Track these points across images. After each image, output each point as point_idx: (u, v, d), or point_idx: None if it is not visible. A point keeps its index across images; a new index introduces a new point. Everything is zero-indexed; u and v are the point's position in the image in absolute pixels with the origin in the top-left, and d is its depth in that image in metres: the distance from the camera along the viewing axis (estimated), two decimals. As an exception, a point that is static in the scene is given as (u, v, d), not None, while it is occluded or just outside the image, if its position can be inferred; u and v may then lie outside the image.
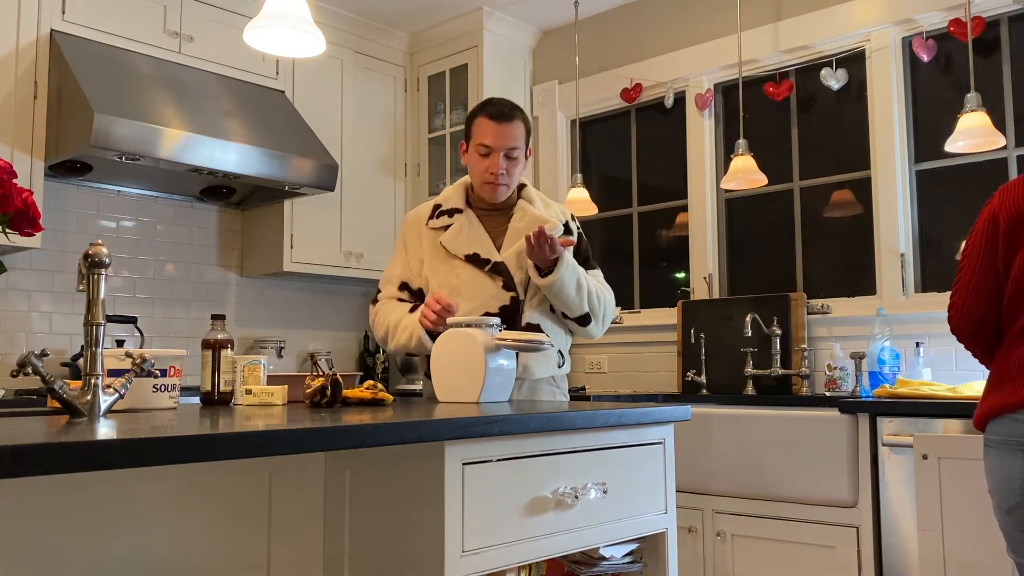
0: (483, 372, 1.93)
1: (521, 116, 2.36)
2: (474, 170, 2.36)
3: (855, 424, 2.69)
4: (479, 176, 2.34)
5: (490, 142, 2.30)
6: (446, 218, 2.37)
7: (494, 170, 2.31)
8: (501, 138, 2.30)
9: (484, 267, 2.30)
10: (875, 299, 3.33)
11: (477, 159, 2.34)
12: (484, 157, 2.32)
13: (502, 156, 2.31)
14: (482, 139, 2.32)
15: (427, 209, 2.43)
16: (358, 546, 1.61)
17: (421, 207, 2.46)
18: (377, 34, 4.38)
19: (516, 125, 2.33)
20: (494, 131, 2.31)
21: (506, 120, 2.32)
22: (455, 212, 2.37)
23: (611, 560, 1.81)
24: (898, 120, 3.33)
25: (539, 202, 2.44)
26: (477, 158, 2.33)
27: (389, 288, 2.41)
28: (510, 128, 2.32)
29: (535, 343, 1.95)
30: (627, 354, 4.03)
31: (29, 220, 1.53)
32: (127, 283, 3.78)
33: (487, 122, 2.32)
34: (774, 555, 2.83)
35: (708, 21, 3.89)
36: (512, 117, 2.33)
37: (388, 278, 2.43)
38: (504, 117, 2.32)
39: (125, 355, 1.65)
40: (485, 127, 2.32)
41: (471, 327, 2.00)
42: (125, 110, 3.13)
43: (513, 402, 2.13)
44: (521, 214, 2.38)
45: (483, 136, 2.32)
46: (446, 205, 2.40)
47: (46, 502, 1.35)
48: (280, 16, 2.01)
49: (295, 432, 1.19)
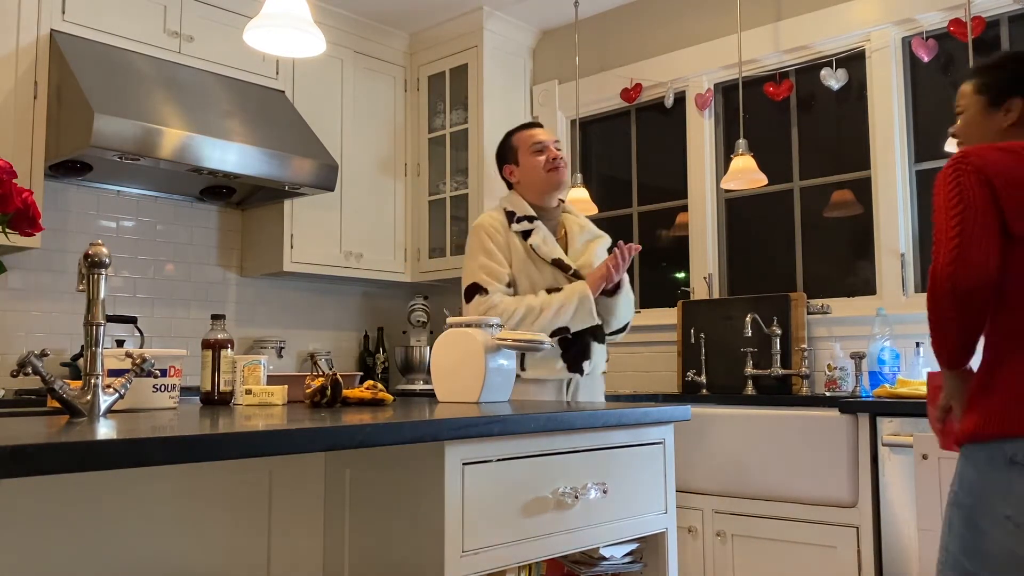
0: (483, 372, 1.93)
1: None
2: (534, 169, 2.62)
3: (855, 424, 2.69)
4: (542, 168, 2.60)
5: (541, 137, 2.64)
6: (527, 223, 2.56)
7: (554, 155, 2.61)
8: (546, 134, 2.67)
9: (567, 272, 2.53)
10: (875, 299, 3.33)
11: (533, 159, 2.62)
12: (540, 153, 2.62)
13: (553, 145, 2.63)
14: (533, 139, 2.63)
15: (500, 215, 2.60)
16: (358, 546, 1.61)
17: (493, 214, 2.62)
18: (377, 34, 4.38)
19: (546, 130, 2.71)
20: (538, 131, 2.67)
21: (539, 126, 2.71)
22: (533, 218, 2.58)
23: (611, 560, 1.81)
24: (898, 120, 3.33)
25: (580, 215, 2.73)
26: (533, 158, 2.62)
27: (499, 284, 2.51)
28: (546, 131, 2.70)
29: (535, 343, 1.96)
30: (627, 354, 4.03)
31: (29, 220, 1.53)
32: (127, 283, 3.78)
33: (527, 130, 2.68)
34: (774, 555, 2.83)
35: (708, 21, 3.89)
36: (541, 125, 2.74)
37: (495, 275, 2.51)
38: (539, 125, 2.73)
39: (125, 355, 1.65)
40: (528, 134, 2.66)
41: (471, 327, 2.00)
42: (125, 110, 3.13)
43: (513, 402, 2.13)
44: (578, 227, 2.67)
45: (533, 137, 2.64)
46: (519, 212, 2.59)
47: (46, 502, 1.35)
48: (280, 16, 2.01)
49: (295, 432, 1.19)
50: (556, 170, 2.60)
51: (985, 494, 1.70)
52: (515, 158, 2.66)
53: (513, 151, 2.67)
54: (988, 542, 1.68)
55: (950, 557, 1.73)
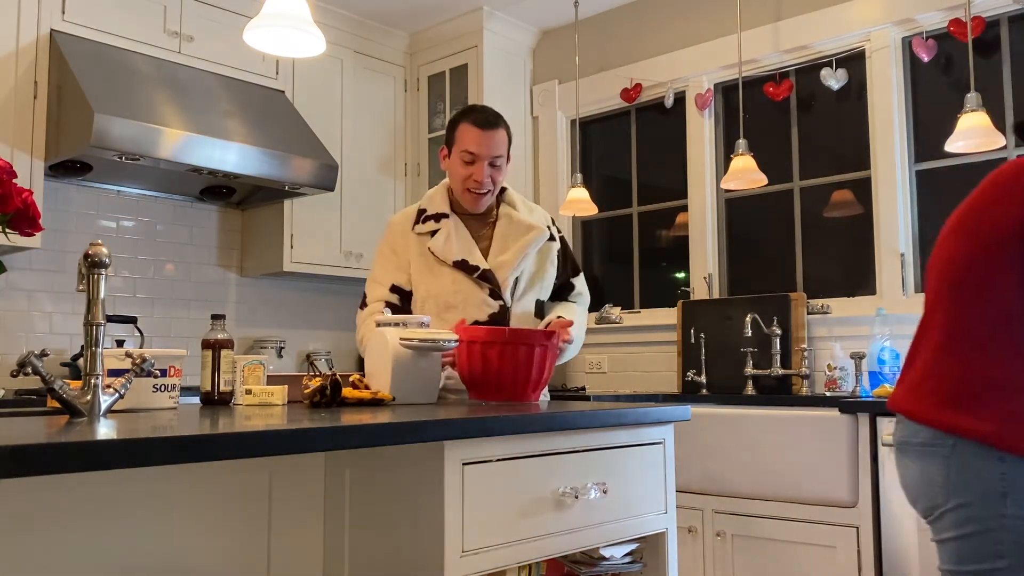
0: (390, 372, 1.90)
1: (504, 124, 2.33)
2: (455, 176, 2.32)
3: (855, 424, 2.69)
4: (460, 183, 2.31)
5: (475, 149, 2.26)
6: (432, 223, 2.32)
7: (478, 178, 2.27)
8: (486, 146, 2.26)
9: (472, 274, 2.27)
10: (875, 299, 3.33)
11: (460, 166, 2.29)
12: (468, 164, 2.28)
13: (486, 164, 2.27)
14: (466, 146, 2.27)
15: (411, 214, 2.38)
16: (358, 546, 1.61)
17: (404, 212, 2.41)
18: (377, 34, 4.38)
19: (500, 132, 2.29)
20: (478, 138, 2.27)
21: (491, 127, 2.28)
22: (441, 217, 2.33)
23: (611, 560, 1.81)
24: (898, 120, 3.33)
25: (522, 207, 2.42)
26: (460, 165, 2.29)
27: (379, 291, 2.33)
28: (494, 135, 2.28)
29: (441, 342, 1.91)
30: (627, 354, 4.03)
31: (29, 220, 1.53)
32: (127, 283, 3.78)
33: (472, 129, 2.28)
34: (774, 555, 2.83)
35: (708, 21, 3.89)
36: (496, 124, 2.30)
37: (377, 281, 2.35)
38: (489, 124, 2.28)
39: (125, 355, 1.65)
40: (469, 134, 2.28)
41: (397, 326, 1.97)
42: (125, 110, 3.13)
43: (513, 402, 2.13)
44: (507, 220, 2.37)
45: (467, 143, 2.27)
46: (431, 210, 2.35)
47: (46, 502, 1.35)
48: (280, 16, 2.01)
49: (295, 432, 1.19)
50: (474, 194, 2.29)
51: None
52: (451, 146, 2.34)
53: (451, 138, 2.34)
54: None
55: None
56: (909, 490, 1.69)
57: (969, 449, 1.58)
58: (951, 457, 1.60)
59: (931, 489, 1.63)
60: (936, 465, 1.62)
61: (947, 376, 1.64)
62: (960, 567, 1.59)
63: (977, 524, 1.57)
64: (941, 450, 1.61)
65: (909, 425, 1.67)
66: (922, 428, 1.64)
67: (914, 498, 1.68)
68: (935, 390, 1.64)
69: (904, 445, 1.68)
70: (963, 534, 1.58)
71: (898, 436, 1.70)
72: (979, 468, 1.57)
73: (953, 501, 1.59)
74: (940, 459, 1.61)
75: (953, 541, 1.60)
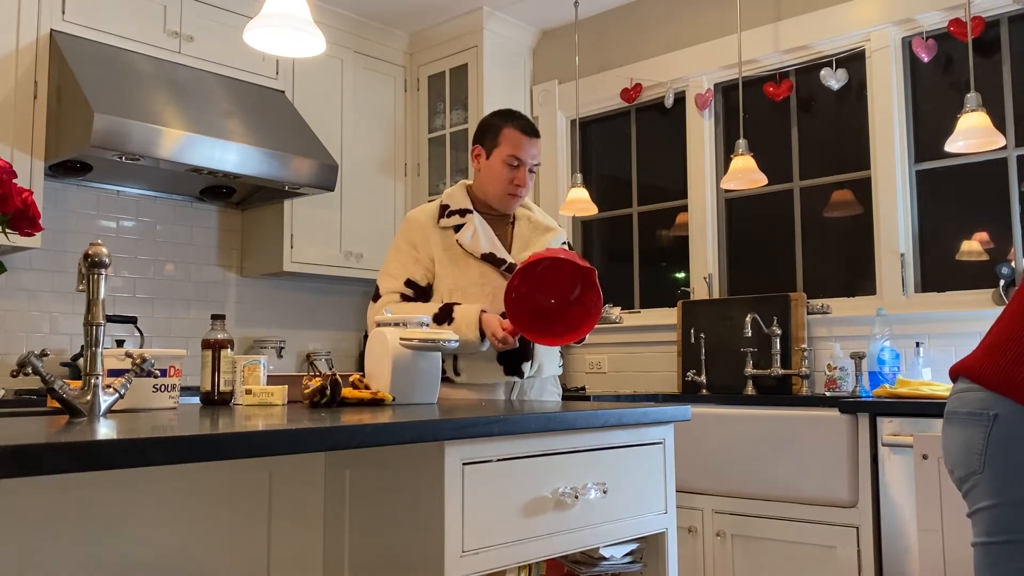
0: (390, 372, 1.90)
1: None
2: (496, 179, 2.41)
3: (855, 424, 2.69)
4: (502, 186, 2.41)
5: (522, 155, 2.39)
6: (457, 218, 2.40)
7: (521, 183, 2.40)
8: (531, 153, 2.41)
9: (500, 267, 2.36)
10: (875, 299, 3.33)
11: (503, 168, 2.40)
12: (513, 168, 2.39)
13: (527, 170, 2.41)
14: (514, 151, 2.39)
15: (433, 209, 2.44)
16: (358, 546, 1.61)
17: (424, 207, 2.46)
18: (377, 34, 4.38)
19: (539, 142, 2.45)
20: (526, 145, 2.40)
21: (536, 135, 2.43)
22: (466, 212, 2.41)
23: (611, 560, 1.81)
24: (898, 120, 3.33)
25: (537, 210, 2.55)
26: (503, 167, 2.40)
27: (392, 283, 2.38)
28: (537, 144, 2.43)
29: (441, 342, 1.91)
30: (627, 354, 4.03)
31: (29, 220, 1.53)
32: (127, 283, 3.78)
33: (519, 135, 2.40)
34: (774, 555, 2.83)
35: (708, 21, 3.89)
36: (538, 133, 2.46)
37: (390, 274, 2.39)
38: (535, 132, 2.43)
39: (125, 355, 1.65)
40: (517, 139, 2.40)
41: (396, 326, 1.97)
42: (125, 110, 3.13)
43: (520, 402, 2.13)
44: (527, 221, 2.48)
45: (515, 148, 2.39)
46: (454, 206, 2.42)
47: (46, 502, 1.34)
48: (280, 16, 2.01)
49: (295, 432, 1.19)
50: (515, 196, 2.41)
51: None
52: (490, 148, 2.42)
53: (493, 140, 2.42)
54: None
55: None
56: (949, 456, 1.71)
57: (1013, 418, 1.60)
58: (993, 426, 1.62)
59: (969, 456, 1.65)
60: (978, 433, 1.64)
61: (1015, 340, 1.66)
62: (992, 538, 1.61)
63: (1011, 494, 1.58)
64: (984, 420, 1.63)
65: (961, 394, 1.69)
66: (974, 393, 1.66)
67: (952, 464, 1.70)
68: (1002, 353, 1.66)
69: (952, 415, 1.71)
70: (996, 503, 1.60)
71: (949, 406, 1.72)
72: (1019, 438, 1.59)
73: (989, 470, 1.61)
74: (982, 427, 1.64)
75: (986, 511, 1.61)
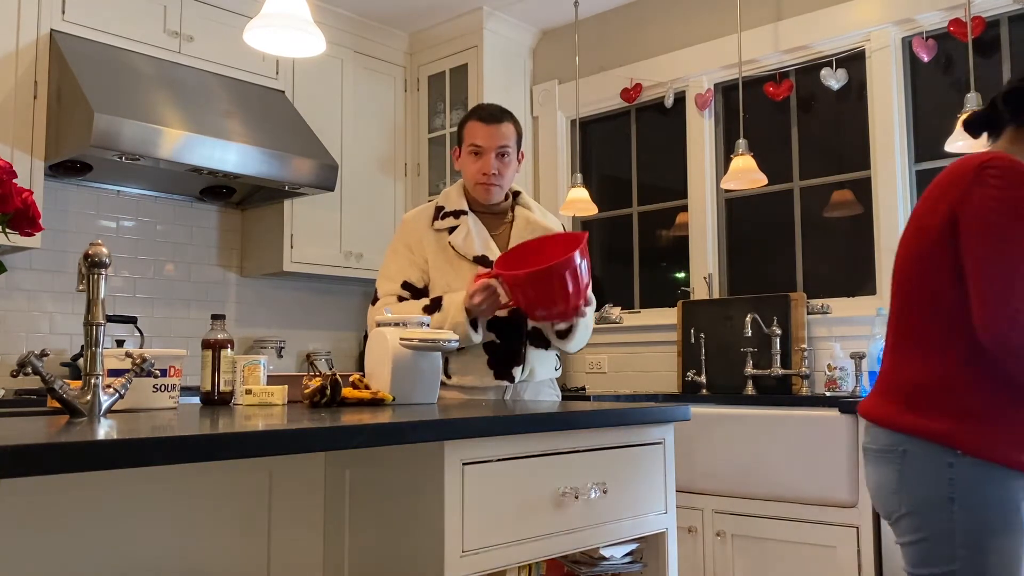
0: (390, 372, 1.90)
1: (511, 119, 2.42)
2: (467, 172, 2.41)
3: (855, 424, 2.69)
4: (472, 177, 2.39)
5: (481, 142, 2.36)
6: (452, 219, 2.39)
7: (486, 170, 2.36)
8: (491, 138, 2.37)
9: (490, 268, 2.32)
10: (875, 299, 3.33)
11: (470, 160, 2.39)
12: (476, 158, 2.37)
13: (493, 156, 2.36)
14: (473, 140, 2.38)
15: (428, 210, 2.43)
16: (358, 546, 1.61)
17: (420, 209, 2.46)
18: (377, 34, 4.38)
19: (506, 126, 2.39)
20: (484, 131, 2.37)
21: (495, 121, 2.38)
22: (460, 213, 2.40)
23: (611, 560, 1.81)
24: (898, 120, 3.33)
25: (537, 210, 2.50)
26: (470, 159, 2.39)
27: (390, 286, 2.38)
28: (499, 128, 2.38)
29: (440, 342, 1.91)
30: (627, 354, 4.03)
31: (29, 220, 1.53)
32: (127, 283, 3.78)
33: (477, 124, 2.39)
34: (774, 555, 2.83)
35: (708, 21, 3.89)
36: (501, 119, 2.39)
37: (388, 276, 2.40)
38: (493, 119, 2.39)
39: (125, 355, 1.65)
40: (475, 129, 2.39)
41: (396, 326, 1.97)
42: (125, 110, 3.13)
43: (513, 402, 2.13)
44: (524, 221, 2.44)
45: (474, 137, 2.38)
46: (449, 207, 2.41)
47: (46, 502, 1.34)
48: (280, 16, 2.01)
49: (295, 432, 1.19)
50: (487, 185, 2.37)
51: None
52: (460, 144, 2.44)
53: (460, 136, 2.44)
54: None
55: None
56: (870, 492, 1.72)
57: (920, 454, 1.60)
58: (903, 463, 1.62)
59: (887, 495, 1.66)
60: (890, 471, 1.64)
61: (901, 378, 1.66)
62: (916, 570, 1.62)
63: (928, 530, 1.59)
64: (894, 456, 1.63)
65: (871, 430, 1.71)
66: (881, 433, 1.67)
67: (875, 503, 1.71)
68: (892, 393, 1.67)
69: (867, 451, 1.72)
70: (917, 539, 1.61)
71: (864, 442, 1.73)
72: (928, 473, 1.59)
73: (905, 507, 1.62)
74: (894, 465, 1.64)
75: (911, 545, 1.63)
